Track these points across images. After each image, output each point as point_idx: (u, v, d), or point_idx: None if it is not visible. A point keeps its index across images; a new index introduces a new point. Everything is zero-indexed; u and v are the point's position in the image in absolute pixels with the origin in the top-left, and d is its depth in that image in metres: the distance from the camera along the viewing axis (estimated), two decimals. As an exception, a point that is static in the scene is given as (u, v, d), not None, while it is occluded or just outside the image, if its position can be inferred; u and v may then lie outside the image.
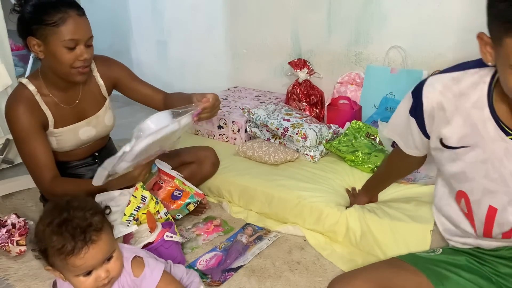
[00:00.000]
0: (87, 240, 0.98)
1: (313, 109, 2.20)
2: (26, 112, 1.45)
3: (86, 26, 1.44)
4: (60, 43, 1.39)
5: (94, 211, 1.03)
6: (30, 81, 1.50)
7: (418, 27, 1.93)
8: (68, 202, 1.03)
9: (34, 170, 1.49)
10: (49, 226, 0.99)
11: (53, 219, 0.99)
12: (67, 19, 1.38)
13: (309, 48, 2.27)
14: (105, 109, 1.65)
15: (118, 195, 1.47)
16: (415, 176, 1.63)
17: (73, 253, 0.97)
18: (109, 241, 1.03)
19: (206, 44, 2.69)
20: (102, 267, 1.02)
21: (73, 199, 1.05)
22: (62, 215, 0.99)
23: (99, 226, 1.01)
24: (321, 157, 1.89)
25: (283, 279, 1.42)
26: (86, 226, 0.98)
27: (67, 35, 1.38)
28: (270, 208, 1.70)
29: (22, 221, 1.66)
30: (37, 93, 1.49)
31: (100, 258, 1.01)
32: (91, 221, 1.00)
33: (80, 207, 1.02)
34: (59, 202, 1.05)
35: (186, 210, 1.67)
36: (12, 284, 1.47)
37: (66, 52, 1.40)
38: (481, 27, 1.91)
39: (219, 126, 2.16)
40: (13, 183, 2.04)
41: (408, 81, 1.96)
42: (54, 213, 1.01)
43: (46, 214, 1.02)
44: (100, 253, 1.00)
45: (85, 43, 1.43)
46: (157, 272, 1.11)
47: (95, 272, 1.01)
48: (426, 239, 1.37)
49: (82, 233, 0.97)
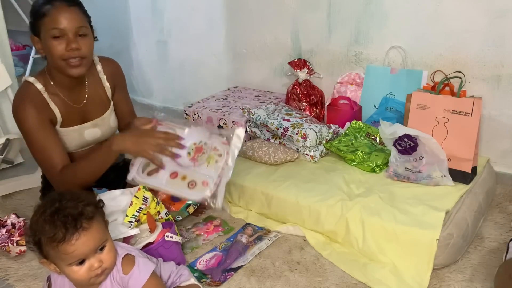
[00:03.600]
0: (78, 227, 1.01)
1: (313, 109, 2.20)
2: (34, 109, 1.46)
3: (73, 15, 1.42)
4: (48, 34, 1.40)
5: (87, 202, 1.06)
6: (37, 79, 1.50)
7: (418, 27, 1.93)
8: (61, 194, 1.07)
9: (45, 164, 1.50)
10: (41, 216, 1.02)
11: (46, 209, 1.03)
12: (51, 10, 1.39)
13: (309, 48, 2.27)
14: (111, 111, 1.66)
15: (119, 194, 1.47)
16: (416, 176, 1.63)
17: (64, 240, 0.99)
18: (100, 230, 1.06)
19: (206, 44, 2.69)
20: (95, 256, 1.04)
21: (67, 192, 1.09)
22: (54, 205, 1.03)
23: (91, 215, 1.04)
24: (321, 157, 1.89)
25: (283, 279, 1.42)
26: (77, 214, 1.02)
27: (51, 24, 1.39)
28: (270, 208, 1.70)
29: (22, 221, 1.66)
30: (44, 91, 1.49)
31: (92, 246, 1.03)
32: (82, 210, 1.03)
33: (72, 198, 1.05)
34: (52, 194, 1.09)
35: (186, 212, 1.67)
36: (12, 284, 1.47)
37: (56, 44, 1.40)
38: (481, 27, 1.93)
39: (219, 126, 2.16)
40: (13, 183, 2.04)
41: (408, 81, 1.96)
42: (46, 204, 1.04)
43: (39, 206, 1.06)
44: (91, 241, 1.03)
45: (74, 33, 1.41)
46: (145, 273, 1.12)
47: (88, 262, 1.03)
48: (432, 247, 1.37)
49: (73, 221, 1.01)
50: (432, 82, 1.89)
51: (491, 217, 1.69)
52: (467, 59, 1.85)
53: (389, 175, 1.70)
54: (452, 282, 1.38)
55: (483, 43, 1.80)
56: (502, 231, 1.60)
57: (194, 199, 1.49)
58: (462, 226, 1.45)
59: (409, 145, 1.62)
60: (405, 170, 1.65)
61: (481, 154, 1.83)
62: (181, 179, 1.45)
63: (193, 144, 1.42)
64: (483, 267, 1.43)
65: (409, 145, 1.62)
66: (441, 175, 1.60)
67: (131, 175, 1.43)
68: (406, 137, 1.62)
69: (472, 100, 1.55)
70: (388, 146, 1.73)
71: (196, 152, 1.43)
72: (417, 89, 1.78)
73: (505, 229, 1.62)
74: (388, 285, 1.37)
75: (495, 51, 1.78)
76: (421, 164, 1.62)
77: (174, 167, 1.44)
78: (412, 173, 1.64)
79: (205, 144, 1.45)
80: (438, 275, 1.40)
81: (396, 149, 1.66)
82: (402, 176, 1.66)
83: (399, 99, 1.98)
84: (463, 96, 1.71)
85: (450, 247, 1.39)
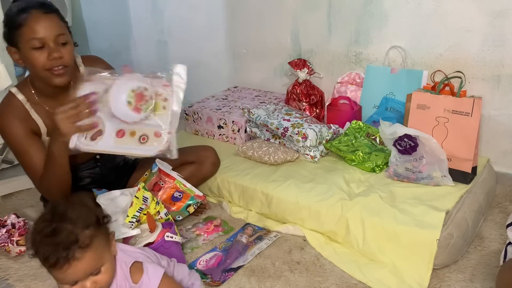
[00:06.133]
0: (69, 257, 0.97)
1: (313, 109, 2.20)
2: (17, 120, 1.43)
3: (51, 23, 1.37)
4: (27, 45, 1.35)
5: (87, 224, 1.02)
6: (19, 90, 1.47)
7: (418, 27, 1.93)
8: (64, 210, 1.02)
9: (32, 174, 1.48)
10: (39, 234, 1.00)
11: (44, 227, 1.00)
12: (28, 19, 1.34)
13: (309, 48, 2.27)
14: None
15: (119, 195, 1.47)
16: (417, 176, 1.63)
17: (55, 267, 0.98)
18: (96, 257, 1.02)
19: (206, 44, 2.69)
20: (89, 279, 1.02)
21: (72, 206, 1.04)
22: (52, 225, 0.99)
23: (86, 243, 1.00)
24: (321, 157, 1.89)
25: (283, 279, 1.42)
26: (70, 243, 0.98)
27: (30, 35, 1.34)
28: (270, 208, 1.70)
29: (22, 221, 1.66)
30: (26, 102, 1.46)
31: (82, 275, 1.01)
32: (78, 237, 0.99)
33: (72, 219, 1.00)
34: (57, 207, 1.04)
35: (186, 212, 1.67)
36: (12, 284, 1.47)
37: (37, 54, 1.35)
38: (481, 27, 1.93)
39: (219, 126, 2.16)
40: (13, 183, 2.04)
41: (408, 81, 1.96)
42: (46, 219, 1.01)
43: (40, 219, 1.03)
44: (82, 271, 1.00)
45: (54, 41, 1.37)
46: (155, 280, 1.11)
47: (80, 283, 1.02)
48: (432, 247, 1.37)
49: (65, 250, 0.97)
50: (432, 82, 1.89)
51: (491, 217, 1.69)
52: (467, 59, 1.85)
53: (389, 175, 1.70)
54: (452, 282, 1.38)
55: (483, 43, 1.80)
56: (502, 231, 1.60)
57: (149, 154, 1.33)
58: (462, 226, 1.45)
59: (409, 145, 1.62)
60: (405, 170, 1.65)
61: (481, 154, 1.83)
62: (130, 136, 1.32)
63: (131, 92, 1.27)
64: (483, 267, 1.43)
65: (409, 145, 1.62)
66: (441, 175, 1.60)
67: (72, 144, 1.30)
68: (406, 137, 1.62)
69: (472, 100, 1.55)
70: (388, 146, 1.73)
71: (137, 100, 1.28)
72: (417, 89, 1.78)
73: (505, 229, 1.62)
74: (388, 285, 1.37)
75: (495, 51, 1.78)
76: (421, 164, 1.62)
77: (118, 124, 1.32)
78: (412, 173, 1.64)
79: (145, 89, 1.29)
80: (438, 275, 1.40)
81: (396, 149, 1.66)
82: (402, 176, 1.66)
83: (399, 99, 1.98)
84: (463, 96, 1.71)
85: (450, 247, 1.39)
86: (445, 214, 1.44)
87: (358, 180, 1.71)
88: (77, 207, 1.05)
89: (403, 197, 1.56)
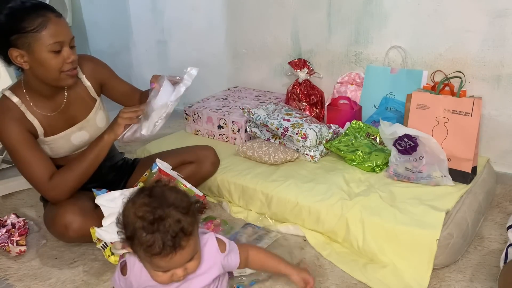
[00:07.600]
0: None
1: (313, 109, 2.20)
2: (13, 122, 1.43)
3: (66, 27, 1.41)
4: (45, 48, 1.35)
5: (186, 210, 0.97)
6: (13, 92, 1.47)
7: (418, 27, 1.93)
8: (162, 193, 0.97)
9: (32, 177, 1.48)
10: (141, 220, 0.93)
11: (146, 213, 0.93)
12: (47, 23, 1.34)
13: (309, 48, 2.28)
14: (96, 111, 1.62)
15: (119, 195, 1.47)
16: (417, 176, 1.63)
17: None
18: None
19: (206, 44, 2.69)
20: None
21: (169, 187, 1.00)
22: (157, 212, 0.93)
23: (190, 230, 0.96)
24: (321, 157, 1.89)
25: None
26: (177, 231, 0.93)
27: (51, 39, 1.35)
28: (270, 208, 1.71)
29: (22, 221, 1.66)
30: (21, 104, 1.46)
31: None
32: (183, 224, 0.94)
33: (175, 204, 0.96)
34: (153, 189, 0.98)
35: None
36: (12, 284, 1.47)
37: (53, 56, 1.37)
38: (481, 27, 1.92)
39: (219, 126, 2.16)
40: (13, 183, 2.04)
41: (408, 81, 1.96)
42: (148, 205, 0.95)
43: (139, 203, 0.96)
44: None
45: (69, 45, 1.40)
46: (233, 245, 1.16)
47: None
48: (432, 247, 1.37)
49: (173, 239, 0.93)
50: (432, 82, 1.90)
51: (491, 217, 1.69)
52: (467, 59, 1.85)
53: (389, 175, 1.70)
54: (452, 282, 1.38)
55: (483, 43, 1.80)
56: (502, 231, 1.60)
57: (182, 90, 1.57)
58: (462, 226, 1.45)
59: (409, 145, 1.62)
60: (405, 170, 1.65)
61: (481, 154, 1.83)
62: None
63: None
64: (483, 267, 1.44)
65: (409, 145, 1.62)
66: (441, 175, 1.60)
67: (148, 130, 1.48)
68: (406, 137, 1.62)
69: (472, 100, 1.55)
70: (388, 146, 1.73)
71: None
72: (417, 89, 1.78)
73: (505, 229, 1.62)
74: (388, 285, 1.37)
75: (495, 51, 1.78)
76: (421, 164, 1.62)
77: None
78: (412, 173, 1.64)
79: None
80: (438, 275, 1.40)
81: (396, 149, 1.66)
82: (402, 176, 1.66)
83: (399, 99, 1.98)
84: (463, 96, 1.71)
85: (450, 247, 1.40)
86: (445, 214, 1.44)
87: (358, 180, 1.71)
88: (173, 190, 1.00)
89: (403, 197, 1.56)
